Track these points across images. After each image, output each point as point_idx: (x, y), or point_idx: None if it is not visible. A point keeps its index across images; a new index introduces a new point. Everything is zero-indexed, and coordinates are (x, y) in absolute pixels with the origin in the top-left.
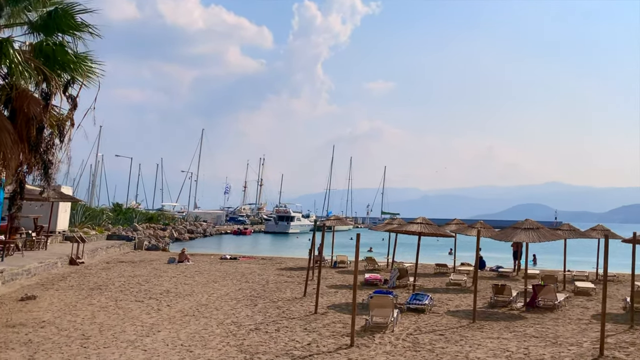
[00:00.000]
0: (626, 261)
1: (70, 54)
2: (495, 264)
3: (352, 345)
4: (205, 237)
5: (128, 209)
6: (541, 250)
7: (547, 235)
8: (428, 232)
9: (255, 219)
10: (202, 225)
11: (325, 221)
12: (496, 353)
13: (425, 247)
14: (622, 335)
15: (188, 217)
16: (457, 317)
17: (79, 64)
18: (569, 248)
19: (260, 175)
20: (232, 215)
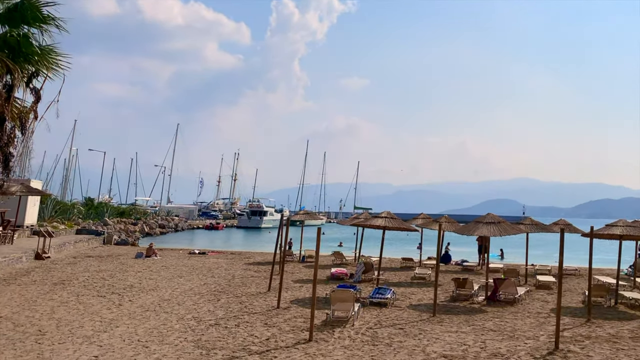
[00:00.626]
0: (584, 255)
1: (35, 46)
2: (462, 258)
3: (310, 340)
4: (177, 232)
5: (100, 204)
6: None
7: (508, 229)
8: (392, 227)
9: (228, 214)
10: (174, 219)
11: (294, 216)
12: (453, 347)
13: (396, 241)
14: (579, 328)
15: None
16: (419, 311)
17: (44, 56)
18: (537, 242)
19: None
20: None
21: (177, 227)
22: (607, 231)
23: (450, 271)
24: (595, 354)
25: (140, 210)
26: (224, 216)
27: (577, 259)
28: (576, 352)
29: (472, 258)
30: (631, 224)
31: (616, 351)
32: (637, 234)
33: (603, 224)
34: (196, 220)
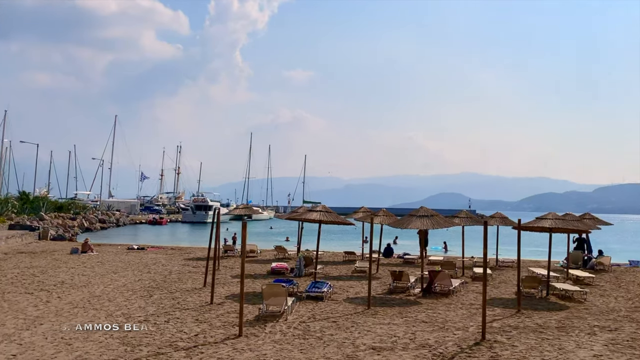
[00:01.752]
0: (527, 247)
1: None
2: (405, 251)
3: (240, 335)
4: (119, 227)
5: (36, 198)
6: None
7: (441, 223)
8: (327, 220)
9: (172, 209)
10: (115, 214)
11: (234, 210)
12: (383, 339)
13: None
14: (508, 319)
15: (100, 206)
16: (355, 304)
17: None
18: (480, 235)
19: (178, 163)
20: (147, 205)
21: (118, 222)
22: (537, 224)
23: (392, 264)
24: (520, 343)
25: (79, 205)
26: (167, 211)
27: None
28: (502, 342)
29: (413, 250)
30: (560, 217)
31: (541, 341)
32: (565, 226)
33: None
34: (138, 215)
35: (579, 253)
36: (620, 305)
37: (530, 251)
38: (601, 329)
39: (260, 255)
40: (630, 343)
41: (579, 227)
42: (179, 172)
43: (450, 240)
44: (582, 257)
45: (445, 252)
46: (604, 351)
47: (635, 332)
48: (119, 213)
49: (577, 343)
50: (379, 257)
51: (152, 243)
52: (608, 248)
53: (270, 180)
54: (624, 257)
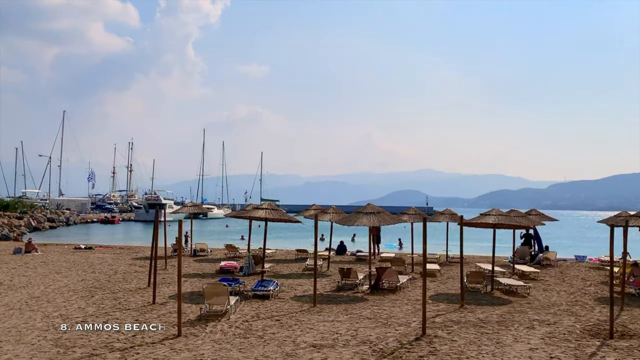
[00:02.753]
0: (479, 243)
1: None
2: (361, 248)
3: (179, 335)
4: (69, 226)
5: None
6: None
7: (387, 220)
8: (273, 218)
9: (124, 207)
10: (65, 213)
11: (182, 208)
12: (325, 336)
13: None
14: (451, 314)
15: (49, 204)
16: (301, 302)
17: None
18: (435, 232)
19: (130, 160)
20: (99, 203)
21: (68, 221)
22: (480, 220)
23: (344, 261)
24: (460, 338)
25: (26, 204)
26: (120, 209)
27: (473, 247)
28: (442, 337)
29: (366, 247)
30: (504, 213)
31: (480, 335)
32: (508, 222)
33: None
34: (90, 214)
35: (526, 248)
36: (562, 299)
37: (481, 247)
38: (540, 323)
39: (211, 254)
40: (566, 336)
41: (522, 223)
42: (132, 169)
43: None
44: (529, 252)
45: (400, 249)
46: (540, 345)
47: (572, 325)
48: (69, 212)
49: (515, 337)
50: (329, 254)
51: (103, 242)
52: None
53: (225, 177)
54: (574, 252)
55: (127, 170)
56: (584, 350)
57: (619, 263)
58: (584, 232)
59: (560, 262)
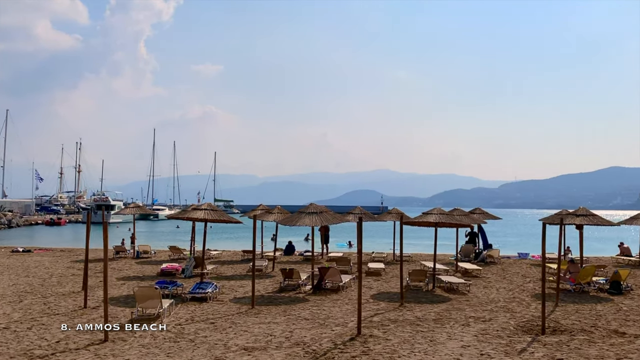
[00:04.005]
0: (429, 242)
1: None
2: (306, 248)
3: (106, 340)
4: (11, 229)
5: None
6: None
7: (330, 219)
8: (212, 219)
9: (71, 208)
10: (7, 215)
11: (124, 209)
12: (258, 338)
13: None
14: (390, 313)
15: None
16: (240, 303)
17: None
18: (387, 231)
19: (78, 160)
20: (45, 205)
21: (10, 224)
22: (422, 219)
23: (291, 262)
24: (394, 337)
25: None
26: (67, 211)
27: (422, 245)
28: (377, 336)
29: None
30: (445, 212)
31: (415, 333)
32: (449, 221)
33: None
34: (34, 216)
35: (470, 246)
36: (500, 296)
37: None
38: (476, 320)
39: (154, 256)
40: (499, 333)
41: (463, 222)
42: (80, 170)
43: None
44: (473, 250)
45: (350, 249)
46: (473, 341)
47: (507, 322)
48: (11, 214)
49: (449, 334)
50: (275, 254)
51: (47, 244)
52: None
53: (176, 178)
54: (521, 250)
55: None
56: (514, 346)
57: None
58: (530, 230)
59: (504, 260)
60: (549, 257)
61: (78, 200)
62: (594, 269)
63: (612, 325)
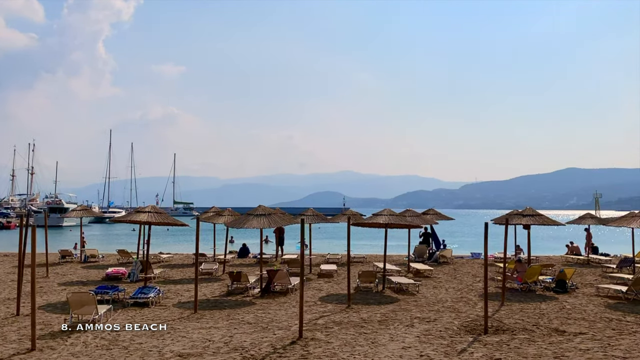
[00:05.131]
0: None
1: None
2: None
3: (33, 349)
4: None
5: None
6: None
7: (279, 221)
8: (156, 222)
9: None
10: None
11: (70, 212)
12: (195, 344)
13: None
14: (336, 315)
15: None
16: (183, 308)
17: None
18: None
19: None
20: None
21: None
22: (372, 220)
23: (245, 264)
24: (336, 339)
25: None
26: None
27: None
28: (319, 339)
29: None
30: (395, 213)
31: (358, 336)
32: (398, 222)
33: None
34: None
35: (424, 247)
36: (448, 296)
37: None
38: (421, 321)
39: (102, 260)
40: (442, 333)
41: (413, 223)
42: (33, 172)
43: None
44: (426, 250)
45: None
46: (414, 343)
47: (451, 322)
48: None
49: (391, 336)
50: (225, 258)
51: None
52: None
53: (134, 180)
54: (476, 249)
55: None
56: (455, 347)
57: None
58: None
59: (457, 260)
60: (501, 257)
61: (30, 203)
62: (540, 268)
63: (553, 324)
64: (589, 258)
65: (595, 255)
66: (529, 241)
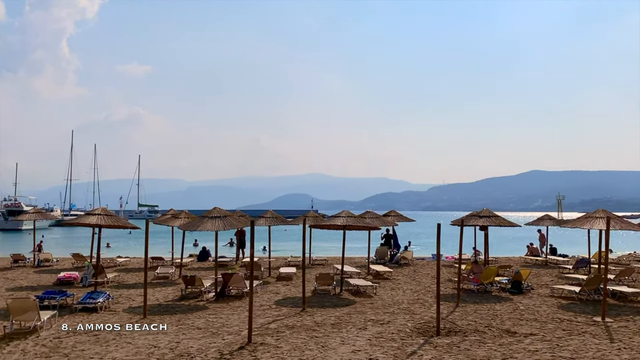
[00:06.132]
0: (350, 244)
1: None
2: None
3: None
4: None
5: None
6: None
7: (234, 224)
8: (105, 224)
9: None
10: None
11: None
12: (140, 350)
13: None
14: (290, 318)
15: None
16: (133, 313)
17: None
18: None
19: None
20: None
21: None
22: (331, 222)
23: (203, 268)
24: (286, 344)
25: None
26: None
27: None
28: (268, 344)
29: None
30: (354, 215)
31: (309, 339)
32: (356, 224)
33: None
34: None
35: (385, 248)
36: (405, 298)
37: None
38: (374, 323)
39: (56, 265)
40: (394, 336)
41: (370, 224)
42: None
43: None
44: (387, 252)
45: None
46: (365, 346)
47: (404, 324)
48: None
49: (343, 339)
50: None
51: None
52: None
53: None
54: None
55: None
56: (405, 349)
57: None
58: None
59: (418, 261)
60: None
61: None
62: (496, 269)
63: (505, 325)
64: (547, 259)
65: (554, 256)
66: (486, 242)
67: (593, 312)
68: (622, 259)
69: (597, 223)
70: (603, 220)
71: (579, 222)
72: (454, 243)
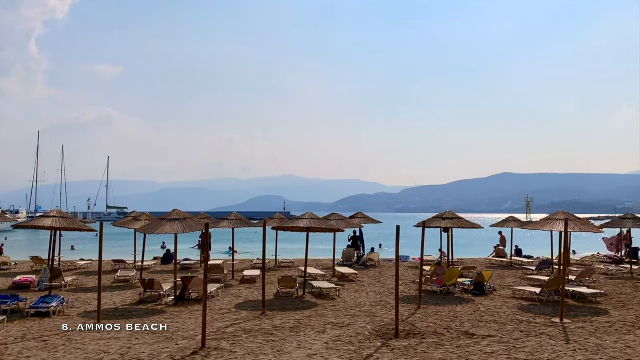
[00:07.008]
0: (319, 246)
1: None
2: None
3: None
4: None
5: None
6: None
7: (193, 226)
8: (62, 227)
9: None
10: None
11: None
12: (89, 357)
13: (137, 241)
14: (248, 322)
15: None
16: (88, 318)
17: None
18: (284, 236)
19: None
20: None
21: None
22: (294, 224)
23: (166, 271)
24: (241, 349)
25: None
26: None
27: (311, 250)
28: (223, 348)
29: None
30: (317, 217)
31: (265, 344)
32: (319, 226)
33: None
34: None
35: (352, 250)
36: (368, 300)
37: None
38: (334, 326)
39: (15, 268)
40: (352, 339)
41: (334, 227)
42: None
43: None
44: (354, 254)
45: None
46: (321, 350)
47: (364, 326)
48: None
49: (300, 343)
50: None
51: None
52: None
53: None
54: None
55: None
56: (362, 352)
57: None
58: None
59: (385, 263)
60: (426, 260)
61: None
62: (459, 271)
63: (464, 327)
64: (512, 260)
65: (518, 258)
66: (449, 244)
67: (552, 313)
68: (585, 260)
69: (556, 225)
70: (562, 222)
71: (539, 225)
72: (419, 244)
